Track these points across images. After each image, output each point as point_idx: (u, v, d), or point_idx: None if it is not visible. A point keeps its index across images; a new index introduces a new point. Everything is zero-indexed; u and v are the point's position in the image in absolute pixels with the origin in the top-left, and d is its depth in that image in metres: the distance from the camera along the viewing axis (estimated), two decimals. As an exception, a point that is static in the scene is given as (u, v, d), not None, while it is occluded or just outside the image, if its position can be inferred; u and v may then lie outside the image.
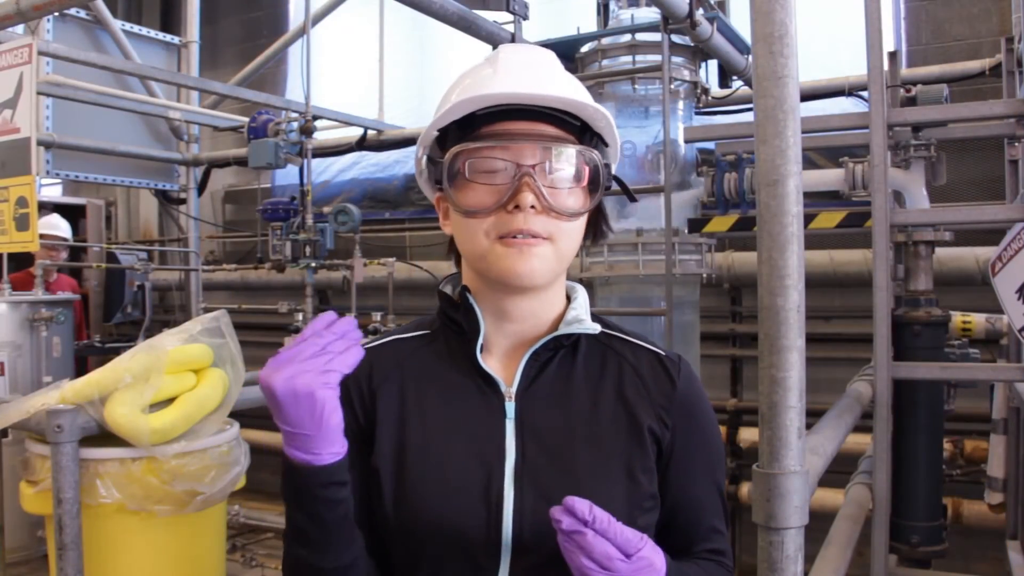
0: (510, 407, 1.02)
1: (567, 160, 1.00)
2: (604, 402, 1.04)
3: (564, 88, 1.00)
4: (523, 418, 1.02)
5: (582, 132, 1.03)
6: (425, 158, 1.08)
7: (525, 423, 1.01)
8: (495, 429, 1.01)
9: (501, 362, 1.06)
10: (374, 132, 5.79)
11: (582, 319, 1.06)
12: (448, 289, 1.11)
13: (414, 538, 0.99)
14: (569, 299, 1.11)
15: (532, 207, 0.97)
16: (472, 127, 1.00)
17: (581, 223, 1.04)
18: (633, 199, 1.18)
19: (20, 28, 4.02)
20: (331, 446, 0.92)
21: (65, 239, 5.73)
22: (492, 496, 0.98)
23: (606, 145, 1.08)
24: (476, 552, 0.97)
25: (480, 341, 1.04)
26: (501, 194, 0.97)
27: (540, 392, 1.03)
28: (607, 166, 1.04)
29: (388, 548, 1.03)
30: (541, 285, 1.02)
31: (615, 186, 1.11)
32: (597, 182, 1.03)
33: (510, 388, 1.03)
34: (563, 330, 1.05)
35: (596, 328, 1.07)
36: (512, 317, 1.05)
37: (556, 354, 1.06)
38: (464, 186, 1.00)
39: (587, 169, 1.02)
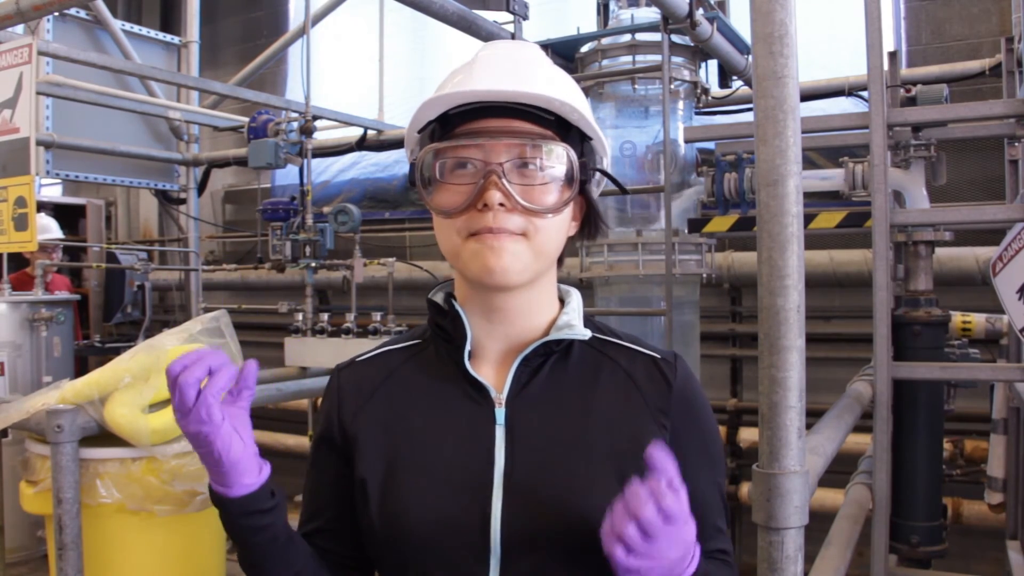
0: (500, 413, 1.01)
1: (538, 155, 0.98)
2: (597, 407, 1.03)
3: (536, 83, 0.98)
4: (513, 424, 1.01)
5: (563, 128, 1.01)
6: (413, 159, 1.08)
7: (515, 429, 1.00)
8: (484, 435, 1.00)
9: (493, 368, 1.05)
10: (374, 132, 5.79)
11: (573, 324, 1.05)
12: (438, 297, 1.10)
13: (401, 546, 0.99)
14: (563, 303, 1.10)
15: (501, 205, 0.95)
16: (451, 126, 0.99)
17: (560, 220, 1.02)
18: (624, 191, 1.17)
19: (20, 28, 4.02)
20: (241, 478, 0.94)
21: (59, 239, 5.73)
22: (481, 502, 0.97)
23: (590, 139, 1.05)
24: (465, 559, 0.96)
25: (468, 347, 1.03)
26: (470, 193, 0.97)
27: (531, 398, 1.02)
28: (583, 160, 1.01)
29: (376, 557, 1.03)
30: (518, 282, 1.00)
31: (598, 180, 1.09)
32: (573, 176, 1.00)
33: (500, 394, 1.02)
34: (554, 335, 1.04)
35: (587, 334, 1.05)
36: (500, 317, 1.04)
37: (547, 360, 1.04)
38: (438, 186, 1.00)
39: (560, 164, 1.00)
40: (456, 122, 0.99)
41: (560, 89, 1.01)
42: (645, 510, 0.81)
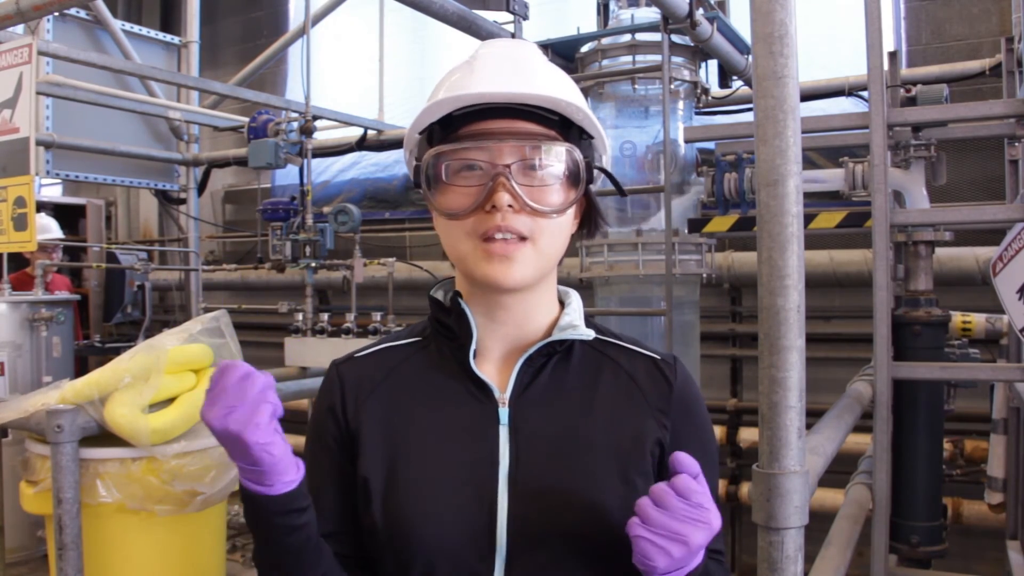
0: (504, 413, 1.01)
1: (544, 157, 0.99)
2: (598, 408, 1.03)
3: (538, 84, 0.99)
4: (517, 424, 1.01)
5: (565, 127, 1.01)
6: (413, 160, 1.07)
7: (519, 429, 1.01)
8: (488, 435, 1.00)
9: (495, 367, 1.06)
10: (374, 132, 5.80)
11: (576, 324, 1.06)
12: (440, 295, 1.10)
13: (405, 545, 0.98)
14: (563, 304, 1.10)
15: (510, 206, 0.96)
16: (453, 127, 0.99)
17: (565, 219, 1.02)
18: (623, 193, 1.17)
19: (20, 28, 4.01)
20: (281, 476, 0.92)
21: (59, 239, 5.73)
22: (485, 502, 0.97)
23: (591, 138, 1.06)
24: (469, 559, 0.97)
25: (473, 347, 1.03)
26: (478, 195, 0.97)
27: (534, 398, 1.03)
28: (588, 160, 1.02)
29: (377, 556, 1.02)
30: (525, 286, 1.01)
31: (599, 177, 1.10)
32: (578, 176, 1.01)
33: (504, 394, 1.02)
34: (557, 336, 1.04)
35: (590, 334, 1.06)
36: (503, 318, 1.05)
37: (550, 360, 1.05)
38: (444, 188, 1.00)
39: (566, 164, 1.00)
40: (458, 123, 0.99)
41: (563, 88, 1.02)
42: (658, 484, 0.86)
